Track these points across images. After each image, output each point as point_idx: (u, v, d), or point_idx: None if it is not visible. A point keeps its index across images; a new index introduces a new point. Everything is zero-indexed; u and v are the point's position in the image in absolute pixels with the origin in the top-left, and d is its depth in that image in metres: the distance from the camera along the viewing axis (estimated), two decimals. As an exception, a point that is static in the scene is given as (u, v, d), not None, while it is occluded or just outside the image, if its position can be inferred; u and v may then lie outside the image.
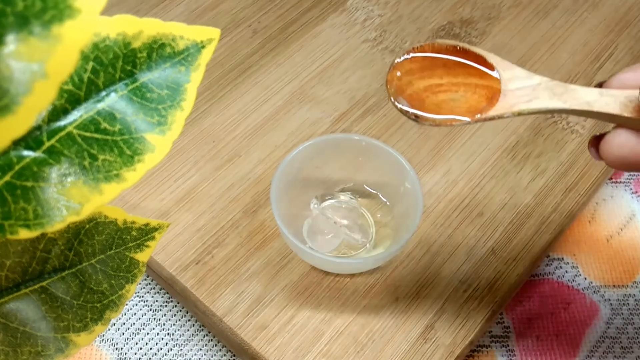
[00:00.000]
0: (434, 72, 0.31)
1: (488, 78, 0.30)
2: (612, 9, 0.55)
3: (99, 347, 0.43)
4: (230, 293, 0.40)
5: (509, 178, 0.45)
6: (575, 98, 0.29)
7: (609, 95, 0.29)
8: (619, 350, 0.43)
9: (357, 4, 0.55)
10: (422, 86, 0.31)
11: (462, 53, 0.31)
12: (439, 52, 0.31)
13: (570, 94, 0.29)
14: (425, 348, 0.38)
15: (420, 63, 0.31)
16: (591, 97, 0.29)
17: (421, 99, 0.31)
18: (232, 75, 0.50)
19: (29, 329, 0.24)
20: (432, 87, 0.31)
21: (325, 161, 0.42)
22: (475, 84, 0.30)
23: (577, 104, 0.29)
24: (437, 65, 0.31)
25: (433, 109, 0.30)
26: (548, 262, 0.47)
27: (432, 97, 0.31)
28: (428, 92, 0.31)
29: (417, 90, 0.31)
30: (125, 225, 0.25)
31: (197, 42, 0.22)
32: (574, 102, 0.29)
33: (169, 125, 0.21)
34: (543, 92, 0.29)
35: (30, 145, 0.19)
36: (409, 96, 0.31)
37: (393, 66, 0.31)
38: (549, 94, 0.29)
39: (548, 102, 0.29)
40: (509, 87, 0.30)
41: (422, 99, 0.31)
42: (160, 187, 0.44)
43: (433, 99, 0.31)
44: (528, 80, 0.30)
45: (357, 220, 0.41)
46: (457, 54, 0.31)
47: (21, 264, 0.24)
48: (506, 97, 0.30)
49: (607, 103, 0.28)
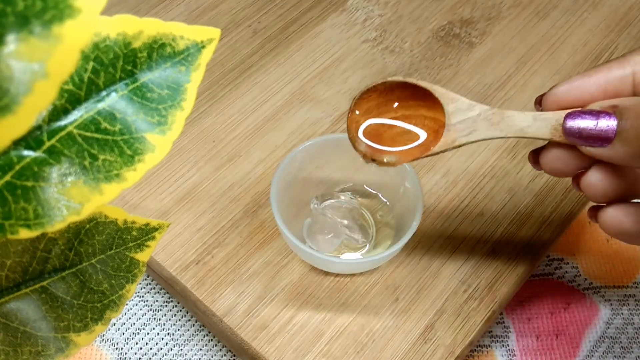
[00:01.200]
0: (389, 107, 0.33)
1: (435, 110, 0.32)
2: (612, 9, 0.55)
3: (99, 347, 0.43)
4: (230, 293, 0.40)
5: (509, 178, 0.45)
6: (511, 125, 0.31)
7: (541, 120, 0.31)
8: (619, 350, 0.43)
9: (357, 4, 0.55)
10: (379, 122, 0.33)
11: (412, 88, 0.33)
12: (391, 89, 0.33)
13: (506, 122, 0.31)
14: (425, 348, 0.38)
15: (376, 100, 0.33)
16: (525, 123, 0.31)
17: (379, 134, 0.33)
18: (232, 75, 0.50)
19: (29, 328, 0.24)
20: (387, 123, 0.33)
21: (325, 161, 0.42)
22: (424, 115, 0.33)
23: (512, 132, 0.31)
24: (391, 100, 0.33)
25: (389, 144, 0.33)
26: (548, 262, 0.47)
27: (388, 132, 0.33)
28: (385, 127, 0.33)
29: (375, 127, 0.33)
30: (126, 225, 0.25)
31: (197, 42, 0.22)
32: (509, 130, 0.31)
33: (170, 125, 0.21)
34: (482, 123, 0.32)
35: (30, 145, 0.19)
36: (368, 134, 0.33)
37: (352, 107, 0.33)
38: (487, 125, 0.32)
39: (486, 133, 0.32)
40: (451, 122, 0.32)
41: (380, 134, 0.33)
42: (161, 187, 0.44)
43: (389, 133, 0.33)
44: (469, 112, 0.32)
45: (357, 220, 0.41)
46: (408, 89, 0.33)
47: (21, 263, 0.24)
48: (449, 132, 0.32)
49: (539, 128, 0.31)
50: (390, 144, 0.33)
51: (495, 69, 0.51)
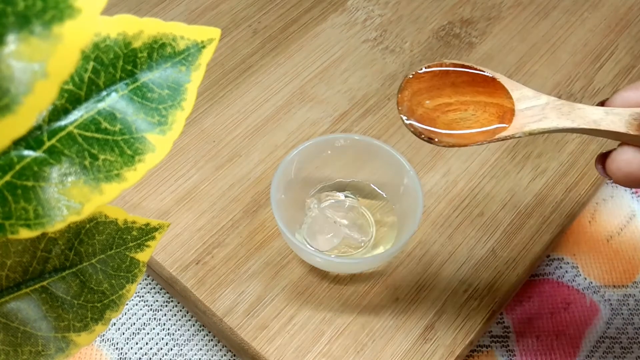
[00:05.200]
0: (442, 91, 0.31)
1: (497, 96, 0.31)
2: (612, 9, 0.55)
3: (99, 347, 0.43)
4: (231, 293, 0.40)
5: (509, 178, 0.45)
6: (582, 117, 0.30)
7: (614, 114, 0.29)
8: (619, 350, 0.43)
9: (357, 4, 0.55)
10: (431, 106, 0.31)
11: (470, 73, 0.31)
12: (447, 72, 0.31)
13: (577, 113, 0.30)
14: (425, 348, 0.38)
15: (428, 83, 0.32)
16: (597, 115, 0.29)
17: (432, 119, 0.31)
18: (232, 75, 0.50)
19: (29, 328, 0.24)
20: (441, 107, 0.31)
21: (325, 161, 0.42)
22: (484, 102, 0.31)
23: (584, 123, 0.29)
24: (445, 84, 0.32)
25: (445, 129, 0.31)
26: (548, 262, 0.47)
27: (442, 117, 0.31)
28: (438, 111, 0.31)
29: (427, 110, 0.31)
30: (126, 225, 0.25)
31: (197, 42, 0.22)
32: (581, 121, 0.29)
33: (170, 125, 0.21)
34: (551, 111, 0.30)
35: (30, 145, 0.19)
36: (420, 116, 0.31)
37: (402, 86, 0.31)
38: (557, 114, 0.30)
39: (557, 122, 0.30)
40: (518, 107, 0.30)
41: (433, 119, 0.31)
42: (161, 187, 0.44)
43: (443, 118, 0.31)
44: (536, 100, 0.30)
45: (357, 220, 0.41)
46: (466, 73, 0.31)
47: (22, 263, 0.24)
48: (517, 117, 0.30)
49: (613, 121, 0.29)
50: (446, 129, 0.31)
51: (495, 69, 0.51)
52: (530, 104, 0.30)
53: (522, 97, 0.31)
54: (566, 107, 0.30)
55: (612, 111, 0.29)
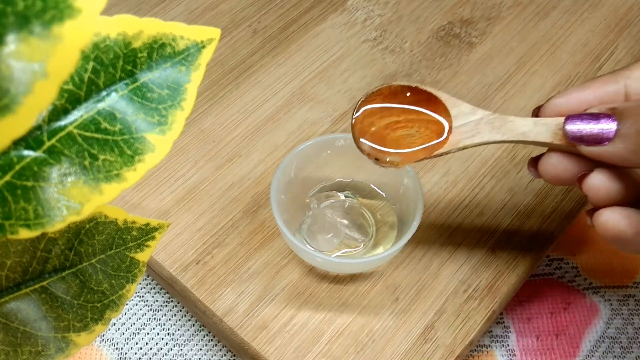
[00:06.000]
0: (392, 111, 0.34)
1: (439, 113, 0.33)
2: (612, 9, 0.55)
3: (99, 347, 0.43)
4: (230, 293, 0.40)
5: (509, 178, 0.45)
6: (512, 130, 0.32)
7: (541, 124, 0.32)
8: (619, 350, 0.43)
9: (357, 4, 0.55)
10: (382, 124, 0.34)
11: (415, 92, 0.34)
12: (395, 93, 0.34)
13: (508, 126, 0.32)
14: (425, 348, 0.38)
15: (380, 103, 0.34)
16: (526, 127, 0.32)
17: (382, 137, 0.34)
18: (232, 75, 0.50)
19: (29, 328, 0.24)
20: (391, 125, 0.34)
21: (325, 161, 0.42)
22: (427, 119, 0.34)
23: (513, 135, 0.32)
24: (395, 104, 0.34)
25: (392, 146, 0.34)
26: (548, 262, 0.47)
27: (391, 134, 0.34)
28: (388, 129, 0.34)
29: (379, 129, 0.34)
30: (126, 225, 0.25)
31: (197, 42, 0.22)
32: (511, 133, 0.32)
33: (170, 125, 0.21)
34: (484, 126, 0.33)
35: (30, 145, 0.19)
36: (371, 135, 0.34)
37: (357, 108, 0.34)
38: (489, 128, 0.33)
39: (489, 136, 0.32)
40: (455, 124, 0.33)
41: (384, 137, 0.34)
42: (161, 187, 0.44)
43: (392, 135, 0.34)
44: (472, 116, 0.33)
45: (357, 220, 0.41)
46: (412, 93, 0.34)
47: (21, 263, 0.24)
48: (454, 133, 0.33)
49: (540, 132, 0.32)
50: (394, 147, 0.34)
51: (495, 69, 0.51)
52: (466, 120, 0.33)
53: (459, 113, 0.33)
54: (498, 121, 0.33)
55: (540, 122, 0.32)
